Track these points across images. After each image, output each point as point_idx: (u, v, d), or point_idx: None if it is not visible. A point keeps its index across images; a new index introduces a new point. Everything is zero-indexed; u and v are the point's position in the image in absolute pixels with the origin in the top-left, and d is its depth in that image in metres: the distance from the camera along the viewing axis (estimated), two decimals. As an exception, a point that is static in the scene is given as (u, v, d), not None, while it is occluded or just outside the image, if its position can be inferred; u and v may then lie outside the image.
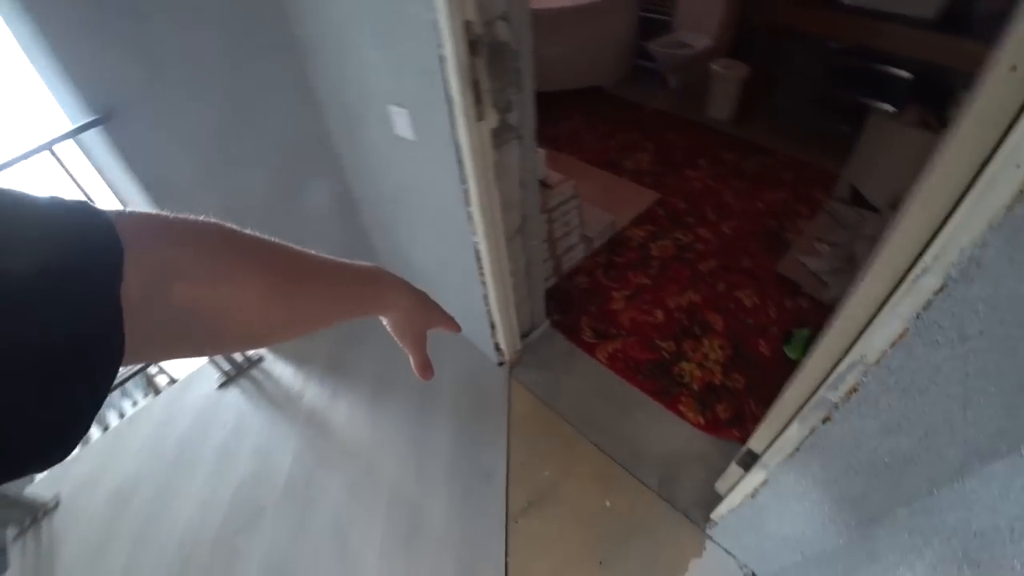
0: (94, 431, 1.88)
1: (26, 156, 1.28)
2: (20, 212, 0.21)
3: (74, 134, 1.32)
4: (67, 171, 1.38)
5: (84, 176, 1.46)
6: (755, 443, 1.12)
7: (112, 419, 2.12)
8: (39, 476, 1.68)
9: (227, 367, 1.91)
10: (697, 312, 2.00)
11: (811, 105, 2.82)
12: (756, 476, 1.05)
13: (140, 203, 1.47)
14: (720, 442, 1.60)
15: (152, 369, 2.17)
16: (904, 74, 2.33)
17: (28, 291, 0.20)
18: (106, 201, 1.54)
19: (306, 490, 1.55)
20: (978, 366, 0.57)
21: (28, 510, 1.55)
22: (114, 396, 2.21)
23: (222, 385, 1.90)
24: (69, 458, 0.41)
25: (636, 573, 1.34)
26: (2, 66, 1.34)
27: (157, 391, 2.17)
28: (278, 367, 1.93)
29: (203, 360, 1.96)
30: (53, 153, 1.32)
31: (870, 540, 0.84)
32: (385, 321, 0.49)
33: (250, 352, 1.95)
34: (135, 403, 2.26)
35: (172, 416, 1.84)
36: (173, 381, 2.09)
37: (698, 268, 2.18)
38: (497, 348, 1.77)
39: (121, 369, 0.25)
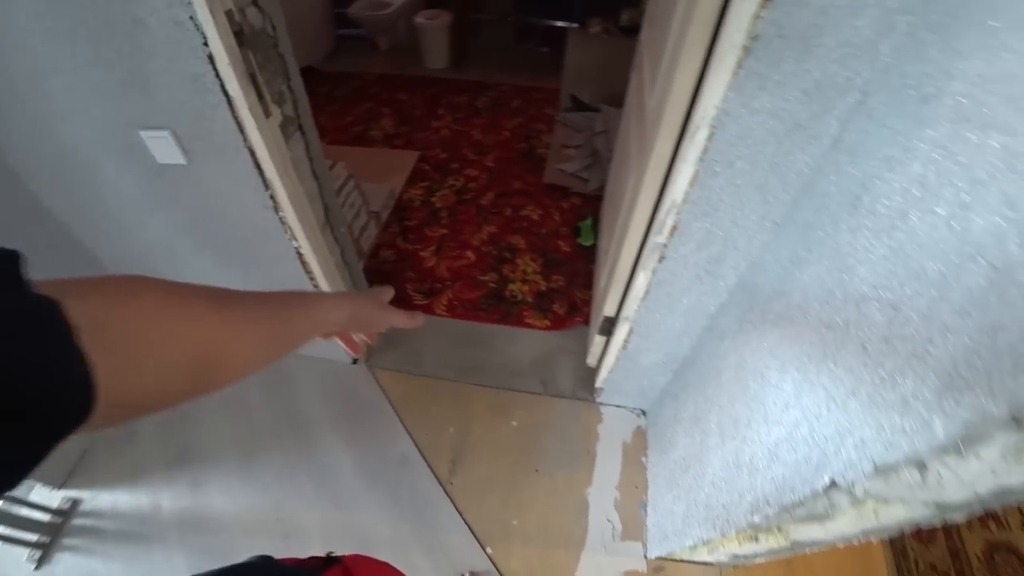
0: None
1: None
2: None
3: None
4: None
5: None
6: (607, 310, 1.40)
7: None
8: None
9: (34, 537, 1.40)
10: (499, 240, 2.23)
11: (512, 36, 3.22)
12: (622, 330, 1.32)
13: None
14: (569, 331, 1.90)
15: None
16: None
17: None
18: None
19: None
20: (742, 179, 0.86)
21: None
22: None
23: (40, 562, 1.39)
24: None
25: (563, 461, 1.56)
26: None
27: None
28: (105, 499, 1.50)
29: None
30: None
31: (715, 328, 1.18)
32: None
33: (54, 503, 1.48)
34: None
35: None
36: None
37: (481, 204, 2.40)
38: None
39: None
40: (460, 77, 3.21)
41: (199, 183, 1.19)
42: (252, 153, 1.10)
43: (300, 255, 1.35)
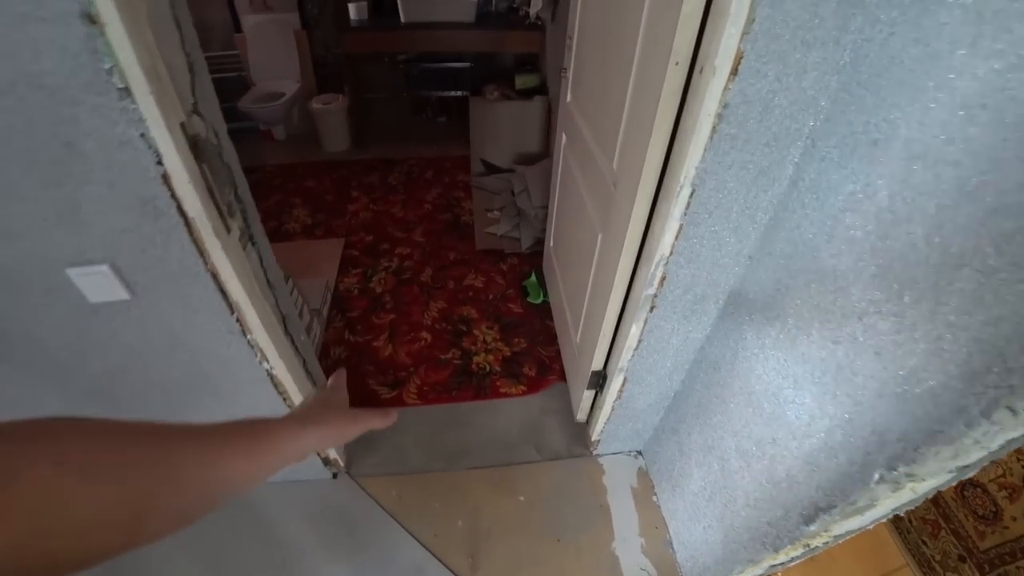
0: None
1: None
2: None
3: None
4: None
5: None
6: (595, 365, 1.46)
7: None
8: None
9: None
10: (451, 314, 2.25)
11: (408, 111, 3.35)
12: (616, 381, 1.39)
13: None
14: (546, 392, 1.93)
15: None
16: (465, 64, 3.05)
17: None
18: None
19: None
20: (719, 224, 0.99)
21: None
22: None
23: None
24: None
25: (581, 522, 1.56)
26: None
27: None
28: None
29: None
30: None
31: (706, 360, 1.29)
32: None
33: None
34: None
35: None
36: None
37: (422, 281, 2.41)
38: (326, 462, 1.61)
39: None
40: (365, 156, 3.25)
41: (144, 318, 1.09)
42: (215, 277, 1.04)
43: (272, 377, 1.28)
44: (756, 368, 1.08)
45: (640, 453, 1.76)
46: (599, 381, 1.51)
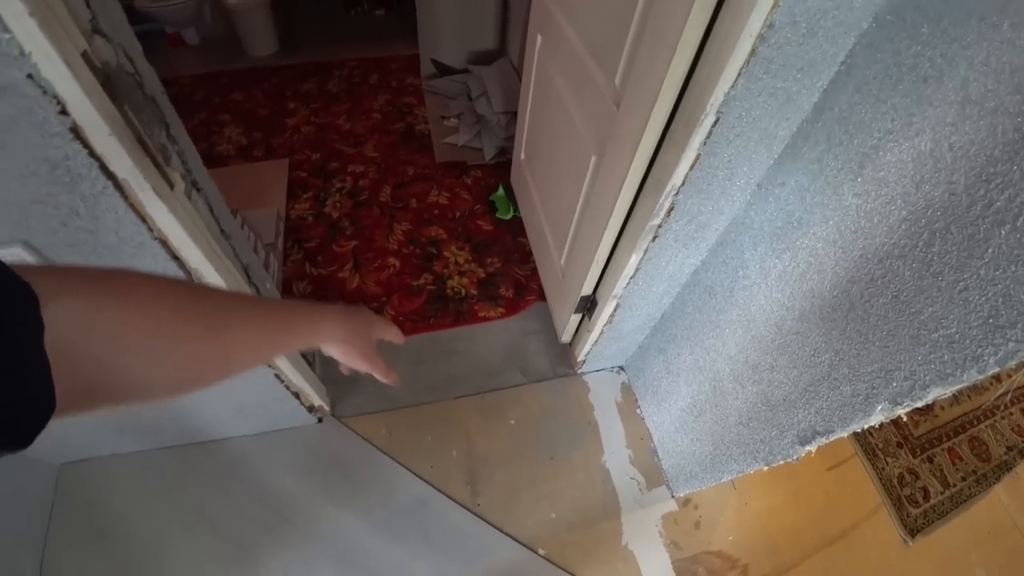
0: None
1: None
2: None
3: None
4: None
5: None
6: (584, 290, 1.46)
7: None
8: None
9: None
10: (417, 236, 2.15)
11: (340, 5, 2.92)
12: (608, 307, 1.40)
13: None
14: (525, 313, 1.94)
15: None
16: None
17: None
18: None
19: None
20: (736, 154, 0.93)
21: None
22: None
23: None
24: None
25: (572, 440, 1.65)
26: None
27: None
28: None
29: None
30: None
31: (700, 284, 1.30)
32: (325, 351, 0.54)
33: None
34: None
35: None
36: None
37: (381, 201, 2.27)
38: (311, 409, 1.59)
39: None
40: (297, 61, 2.86)
41: None
42: (164, 244, 0.92)
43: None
44: (758, 297, 1.10)
45: (623, 368, 1.84)
46: (588, 306, 1.52)
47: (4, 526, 1.32)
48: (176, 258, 0.95)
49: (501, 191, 2.23)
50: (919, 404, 0.79)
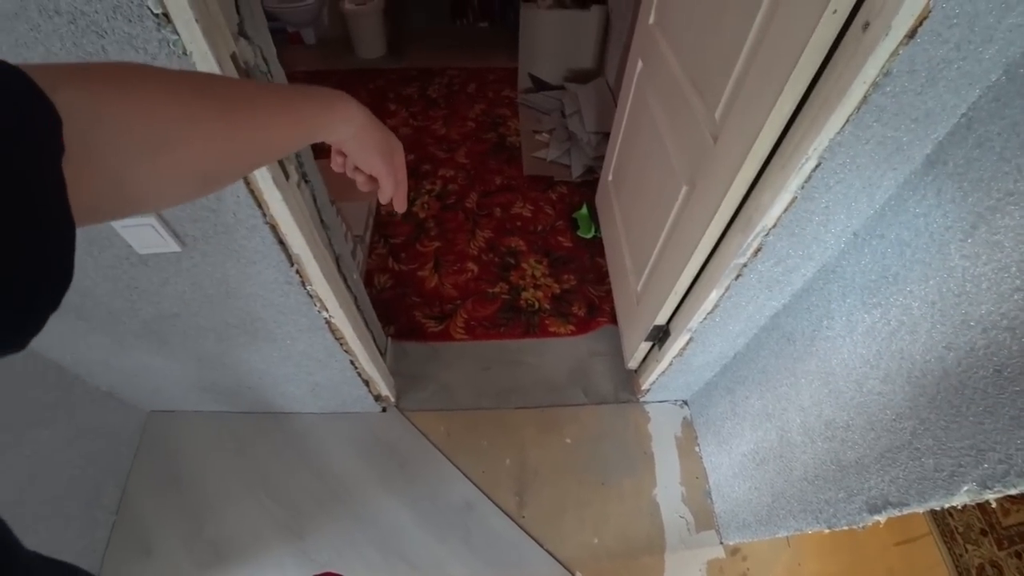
0: None
1: None
2: None
3: None
4: None
5: None
6: (658, 319, 1.45)
7: None
8: None
9: None
10: (498, 245, 2.22)
11: (447, 14, 3.08)
12: (680, 339, 1.38)
13: None
14: (595, 333, 1.95)
15: None
16: None
17: None
18: None
19: None
20: (835, 200, 0.91)
21: None
22: None
23: None
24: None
25: (625, 467, 1.64)
26: None
27: None
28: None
29: None
30: None
31: (779, 328, 1.26)
32: (341, 145, 0.49)
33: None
34: None
35: None
36: None
37: (467, 207, 2.36)
38: (377, 398, 1.69)
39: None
40: (402, 65, 3.06)
41: (196, 269, 1.09)
42: (274, 229, 1.02)
43: (330, 324, 1.30)
44: (841, 351, 1.05)
45: (686, 403, 1.80)
46: (660, 335, 1.50)
47: (96, 456, 1.53)
48: (281, 242, 1.05)
49: (584, 210, 2.25)
50: (1013, 492, 0.73)
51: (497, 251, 2.19)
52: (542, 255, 2.18)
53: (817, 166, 0.83)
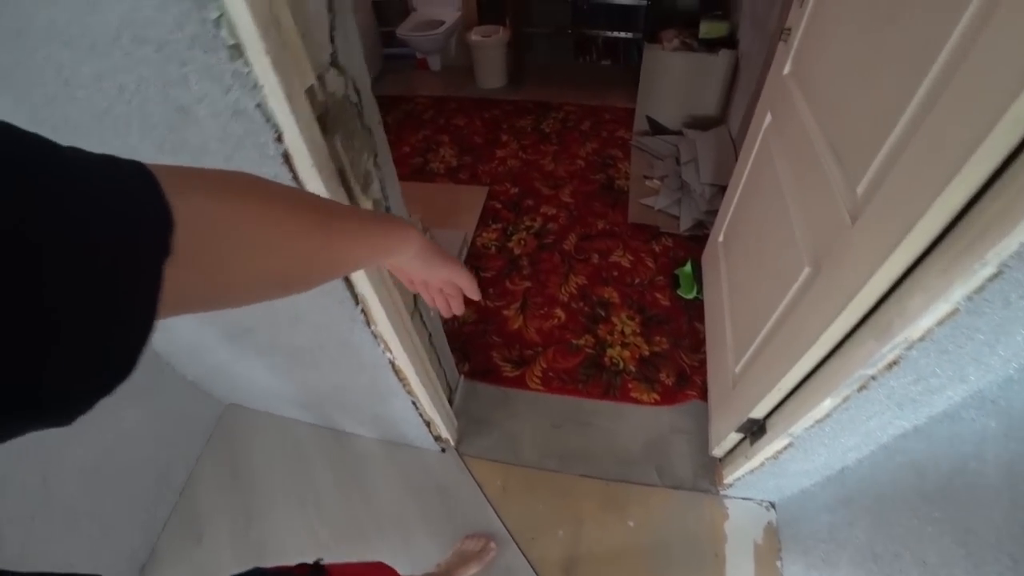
0: None
1: None
2: (74, 173, 0.22)
3: None
4: None
5: None
6: (755, 412, 1.26)
7: None
8: None
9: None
10: (589, 293, 2.11)
11: (570, 50, 3.09)
12: (778, 442, 1.18)
13: None
14: (681, 407, 1.76)
15: None
16: (642, 2, 2.68)
17: (69, 258, 0.20)
18: None
19: None
20: (1009, 319, 0.71)
21: None
22: None
23: None
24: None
25: (690, 567, 1.44)
26: None
27: None
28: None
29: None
30: None
31: (906, 452, 1.03)
32: (393, 269, 0.57)
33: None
34: None
35: None
36: None
37: (564, 248, 2.29)
38: (437, 438, 1.63)
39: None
40: (520, 98, 3.09)
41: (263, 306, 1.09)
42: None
43: (393, 365, 1.26)
44: (987, 504, 0.82)
45: (773, 506, 1.55)
46: (754, 429, 1.31)
47: (172, 438, 1.65)
48: (347, 281, 1.02)
49: (688, 267, 2.08)
50: None
51: (588, 300, 2.08)
52: (635, 311, 2.03)
53: (996, 275, 0.65)
